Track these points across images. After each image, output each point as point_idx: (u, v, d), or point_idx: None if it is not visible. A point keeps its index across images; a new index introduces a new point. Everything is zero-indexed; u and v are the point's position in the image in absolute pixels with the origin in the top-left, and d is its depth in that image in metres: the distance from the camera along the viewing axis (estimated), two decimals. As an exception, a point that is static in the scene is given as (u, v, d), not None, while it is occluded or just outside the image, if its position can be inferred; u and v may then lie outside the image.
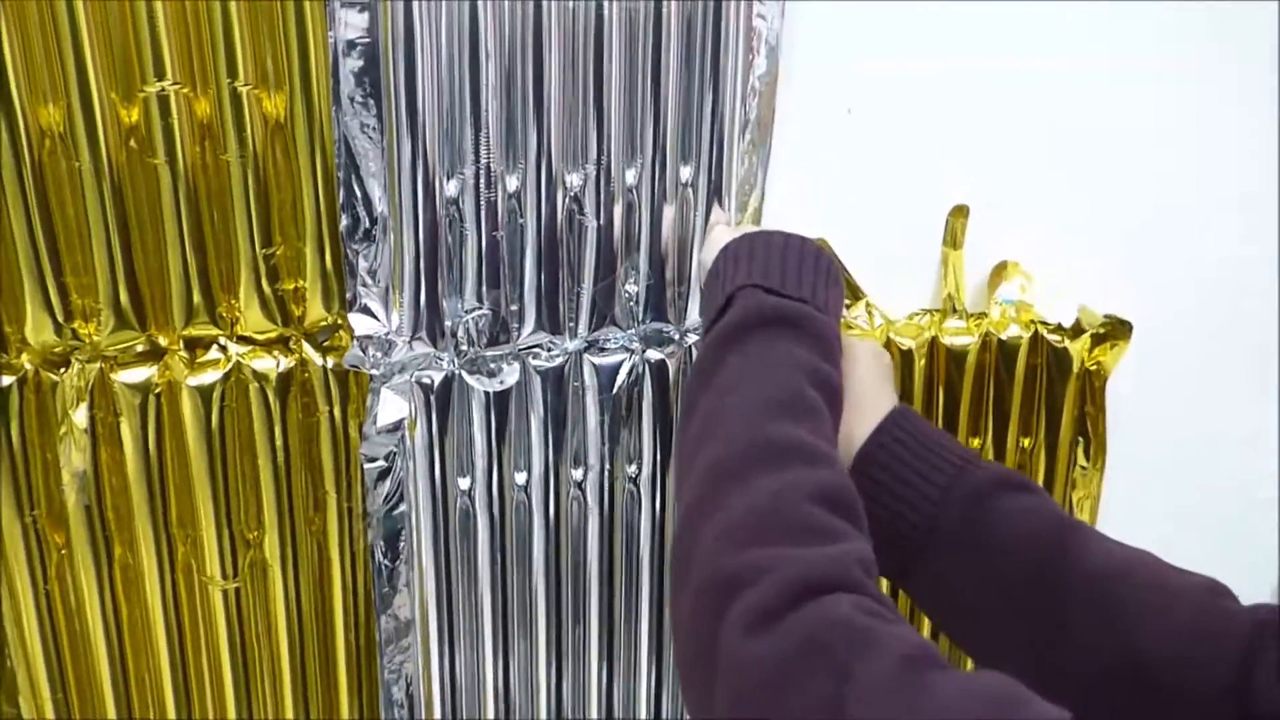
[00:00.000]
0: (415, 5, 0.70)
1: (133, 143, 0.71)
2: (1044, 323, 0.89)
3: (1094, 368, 0.89)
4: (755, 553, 0.47)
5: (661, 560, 0.88)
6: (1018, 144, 0.85)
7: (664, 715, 0.93)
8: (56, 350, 0.75)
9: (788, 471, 0.51)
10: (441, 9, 0.70)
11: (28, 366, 0.75)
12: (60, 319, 0.74)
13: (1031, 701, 0.40)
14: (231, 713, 0.85)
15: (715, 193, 0.80)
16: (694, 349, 0.83)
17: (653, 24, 0.75)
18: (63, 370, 0.75)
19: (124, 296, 0.74)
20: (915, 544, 0.62)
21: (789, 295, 0.63)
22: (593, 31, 0.74)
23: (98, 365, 0.76)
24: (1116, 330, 0.87)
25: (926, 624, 0.91)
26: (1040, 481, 0.93)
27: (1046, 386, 0.90)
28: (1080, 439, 0.92)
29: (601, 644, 0.89)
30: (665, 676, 0.91)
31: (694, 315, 0.83)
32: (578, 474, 0.85)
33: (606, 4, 0.73)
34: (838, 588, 0.45)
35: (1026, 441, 0.93)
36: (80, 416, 0.76)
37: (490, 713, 0.88)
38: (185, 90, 0.71)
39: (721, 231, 0.75)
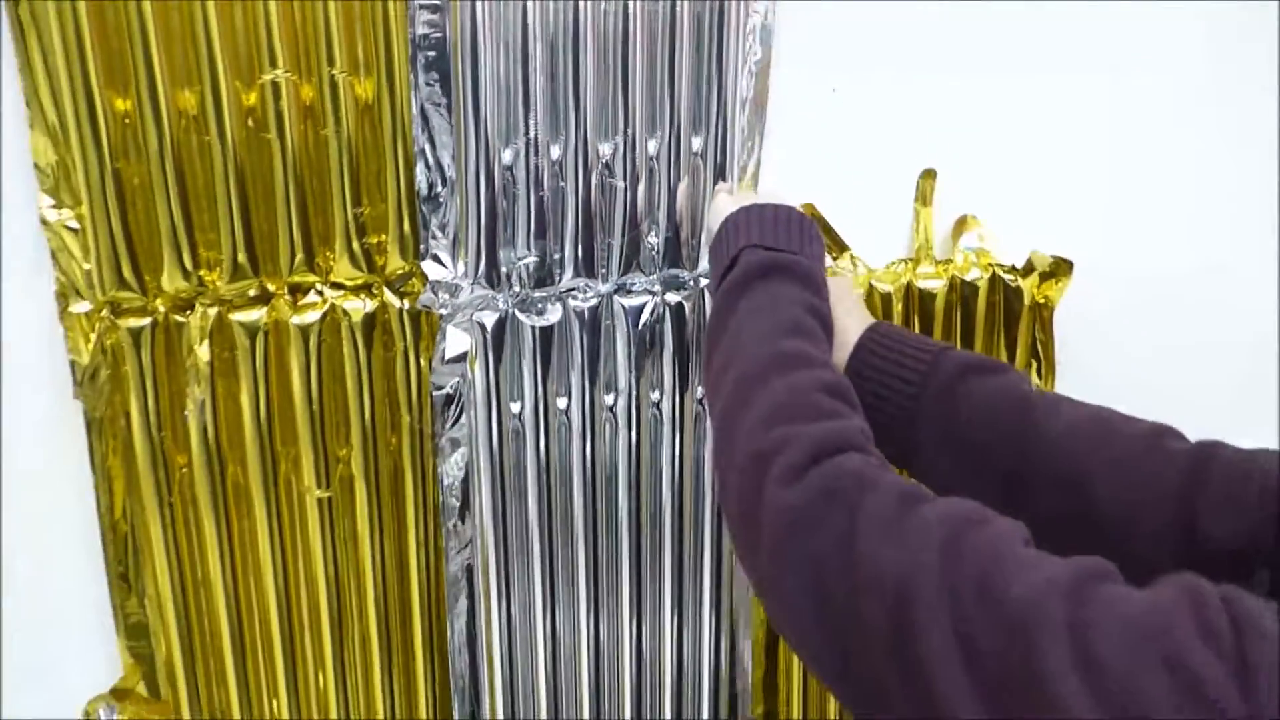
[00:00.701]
0: (478, 6, 0.86)
1: (250, 121, 0.87)
2: (1000, 265, 1.05)
3: (1043, 301, 1.06)
4: (782, 429, 0.59)
5: (681, 470, 1.04)
6: (977, 115, 1.01)
7: (684, 597, 1.08)
8: (184, 295, 0.90)
9: (798, 373, 0.63)
10: (499, 10, 0.87)
11: (161, 309, 0.90)
12: (189, 268, 0.90)
13: (995, 518, 0.51)
14: (323, 604, 1.01)
15: (720, 162, 0.96)
16: (705, 292, 0.99)
17: (669, 19, 0.91)
18: (188, 313, 0.91)
19: (241, 249, 0.90)
20: (904, 433, 0.75)
21: (782, 250, 0.75)
22: (620, 26, 0.90)
23: (217, 308, 0.91)
24: (1060, 268, 1.03)
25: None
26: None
27: (1004, 319, 1.06)
28: (1034, 361, 1.08)
29: (631, 543, 1.05)
30: (685, 561, 1.07)
31: (704, 264, 0.99)
32: (609, 399, 1.01)
33: (631, 3, 0.89)
34: (848, 448, 0.58)
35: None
36: (203, 351, 0.91)
37: (537, 579, 1.03)
38: (293, 77, 0.87)
39: (723, 200, 0.86)
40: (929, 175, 1.04)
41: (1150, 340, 1.10)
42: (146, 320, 0.90)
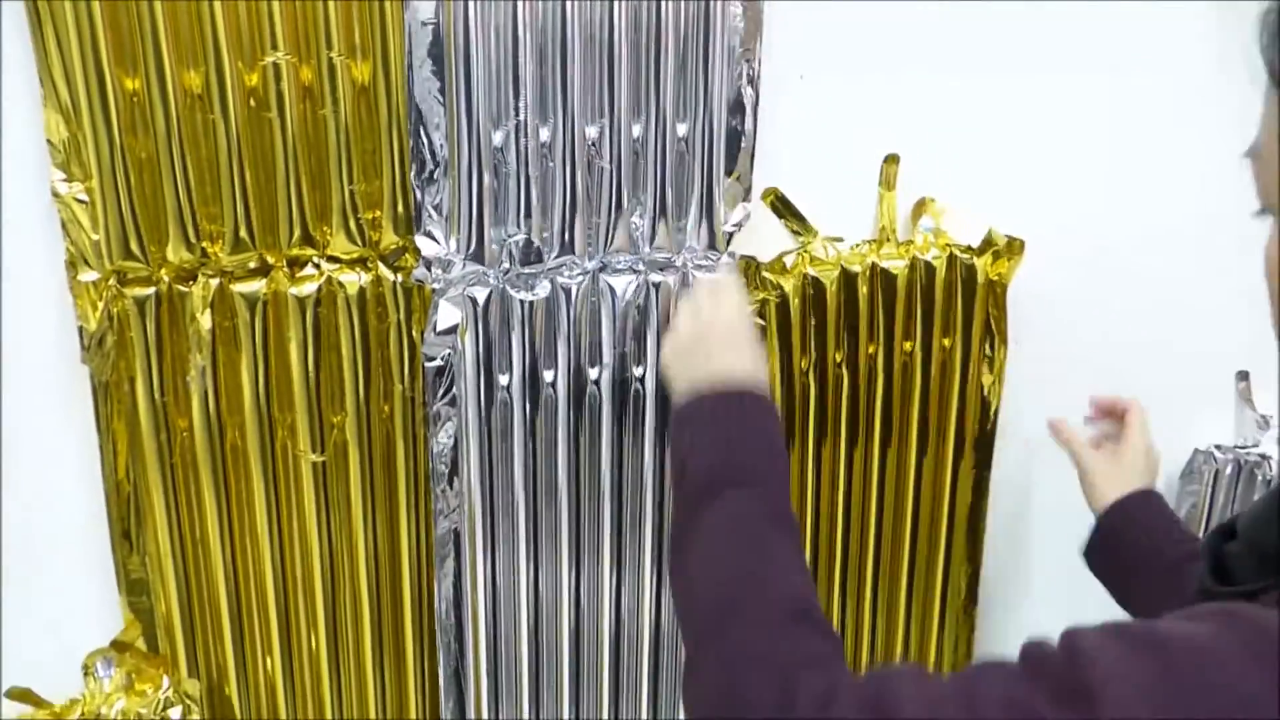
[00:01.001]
0: (473, -5, 0.91)
1: (252, 101, 0.91)
2: (956, 245, 1.11)
3: (996, 278, 1.12)
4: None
5: (662, 441, 1.09)
6: (937, 104, 1.07)
7: (662, 558, 1.14)
8: (187, 266, 0.95)
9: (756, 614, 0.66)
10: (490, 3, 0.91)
11: (165, 279, 0.94)
12: (193, 240, 0.94)
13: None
14: (316, 565, 1.05)
15: (708, 147, 1.01)
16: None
17: (655, 14, 0.96)
18: (191, 283, 0.95)
19: (242, 223, 0.94)
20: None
21: (729, 462, 0.78)
22: (606, 16, 0.95)
23: (218, 279, 0.95)
24: (1013, 247, 1.09)
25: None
26: (957, 370, 1.15)
27: (961, 296, 1.12)
28: (988, 336, 1.14)
29: (612, 508, 1.10)
30: (664, 525, 1.12)
31: (691, 241, 1.04)
32: (594, 372, 1.06)
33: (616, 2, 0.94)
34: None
35: (947, 341, 1.15)
36: (205, 320, 0.96)
37: (521, 541, 1.09)
38: (293, 59, 0.91)
39: (669, 358, 0.91)
40: (892, 160, 1.09)
41: (1100, 317, 1.17)
42: (151, 290, 0.94)
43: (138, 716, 1.04)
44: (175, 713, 1.05)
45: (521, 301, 1.02)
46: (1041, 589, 1.30)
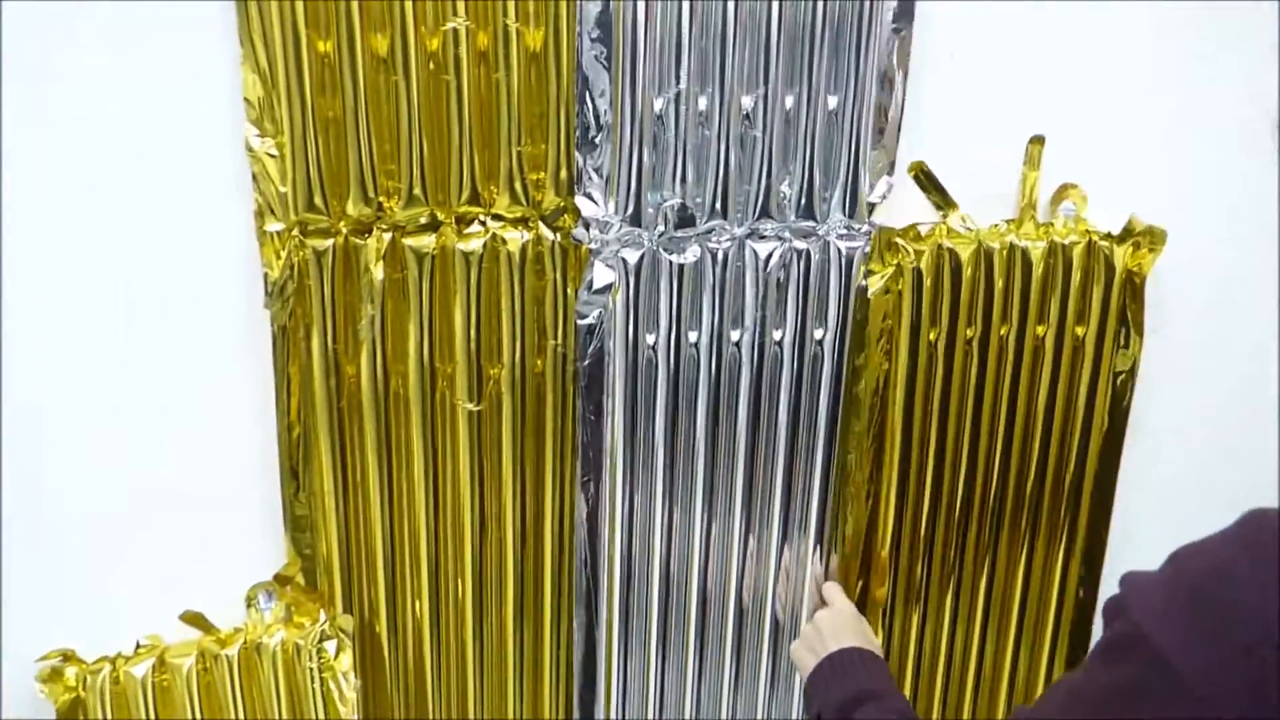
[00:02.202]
0: (643, -33, 0.95)
1: (432, 65, 0.97)
2: (1096, 232, 1.13)
3: (1135, 268, 1.13)
4: None
5: (797, 404, 1.12)
6: (1085, 86, 1.09)
7: (790, 518, 1.18)
8: (364, 220, 1.00)
9: None
10: (661, -30, 0.96)
11: (343, 231, 1.00)
12: (371, 195, 1.00)
13: None
14: (467, 509, 1.11)
15: (857, 119, 1.04)
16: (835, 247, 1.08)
17: (812, -14, 1.00)
18: (366, 236, 1.01)
19: (416, 180, 1.00)
20: None
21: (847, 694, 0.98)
22: (767, -10, 0.99)
23: (391, 233, 1.01)
24: (1153, 237, 1.11)
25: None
26: (1088, 361, 1.17)
27: (1098, 284, 1.14)
28: (1122, 328, 1.16)
29: (746, 466, 1.14)
30: (794, 486, 1.17)
31: (835, 216, 1.08)
32: (735, 335, 1.10)
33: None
34: None
35: (1081, 329, 1.17)
36: (377, 272, 1.02)
37: (659, 496, 1.14)
38: (472, 25, 0.96)
39: (802, 655, 1.10)
40: (1037, 141, 1.11)
41: (1242, 315, 1.17)
42: (330, 241, 1.00)
43: (295, 647, 1.11)
44: (330, 646, 1.11)
45: (671, 263, 1.06)
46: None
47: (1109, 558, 1.26)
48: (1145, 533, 1.27)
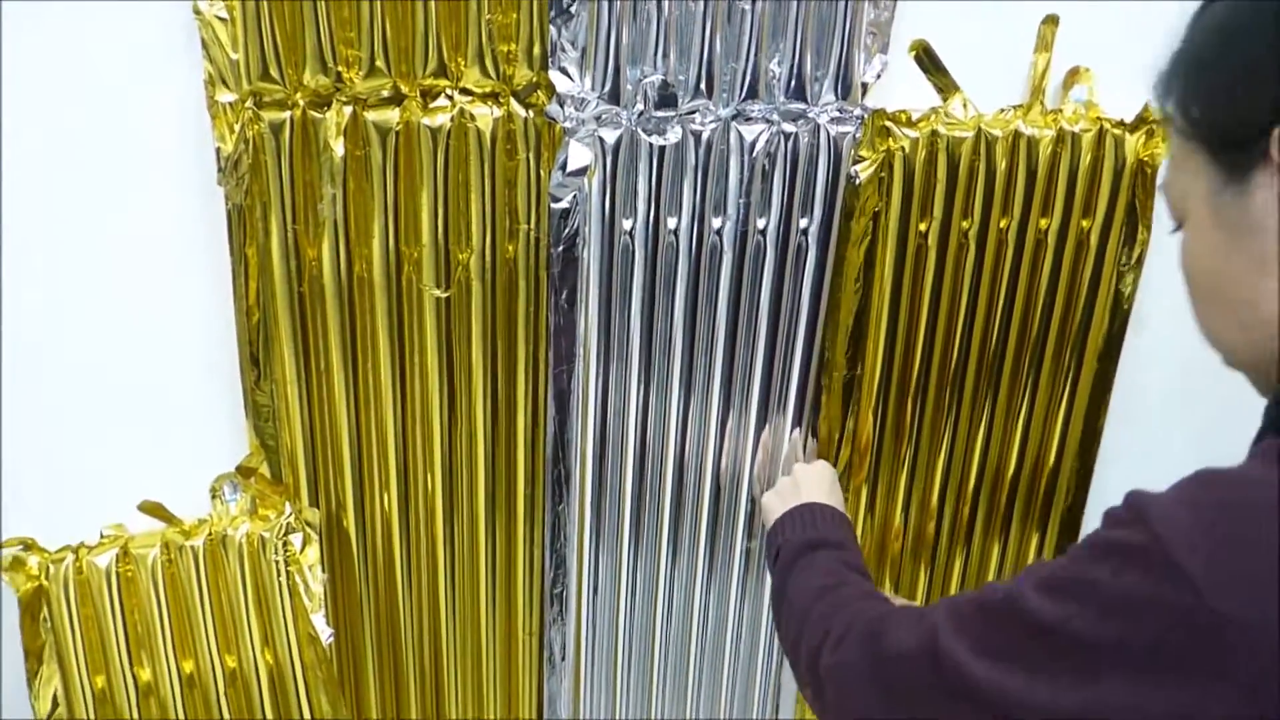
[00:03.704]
0: None
1: (394, -79, 0.89)
2: (1108, 119, 1.06)
3: (1147, 158, 1.07)
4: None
5: (779, 296, 1.07)
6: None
7: (770, 403, 1.14)
8: (323, 90, 0.94)
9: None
10: None
11: (300, 103, 0.94)
12: (329, 63, 0.93)
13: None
14: (435, 400, 1.07)
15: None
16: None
17: None
18: (325, 110, 0.95)
19: (379, 49, 0.93)
20: None
21: (805, 536, 0.98)
22: None
23: (352, 107, 0.95)
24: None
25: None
26: (1091, 257, 1.11)
27: (1107, 174, 1.08)
28: (1130, 220, 1.10)
29: (725, 356, 1.10)
30: (774, 371, 1.13)
31: (827, 97, 1.01)
32: (717, 222, 1.04)
33: None
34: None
35: (1086, 222, 1.11)
36: (338, 148, 0.96)
37: (633, 383, 1.10)
38: (437, -121, 0.89)
39: (770, 503, 1.08)
40: (1051, 21, 1.04)
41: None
42: (286, 114, 0.94)
43: (260, 540, 1.08)
44: (296, 539, 1.08)
45: (651, 145, 1.00)
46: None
47: (1101, 458, 1.22)
48: (1138, 438, 1.24)
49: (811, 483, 1.08)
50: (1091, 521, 1.24)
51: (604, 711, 1.28)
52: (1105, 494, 1.23)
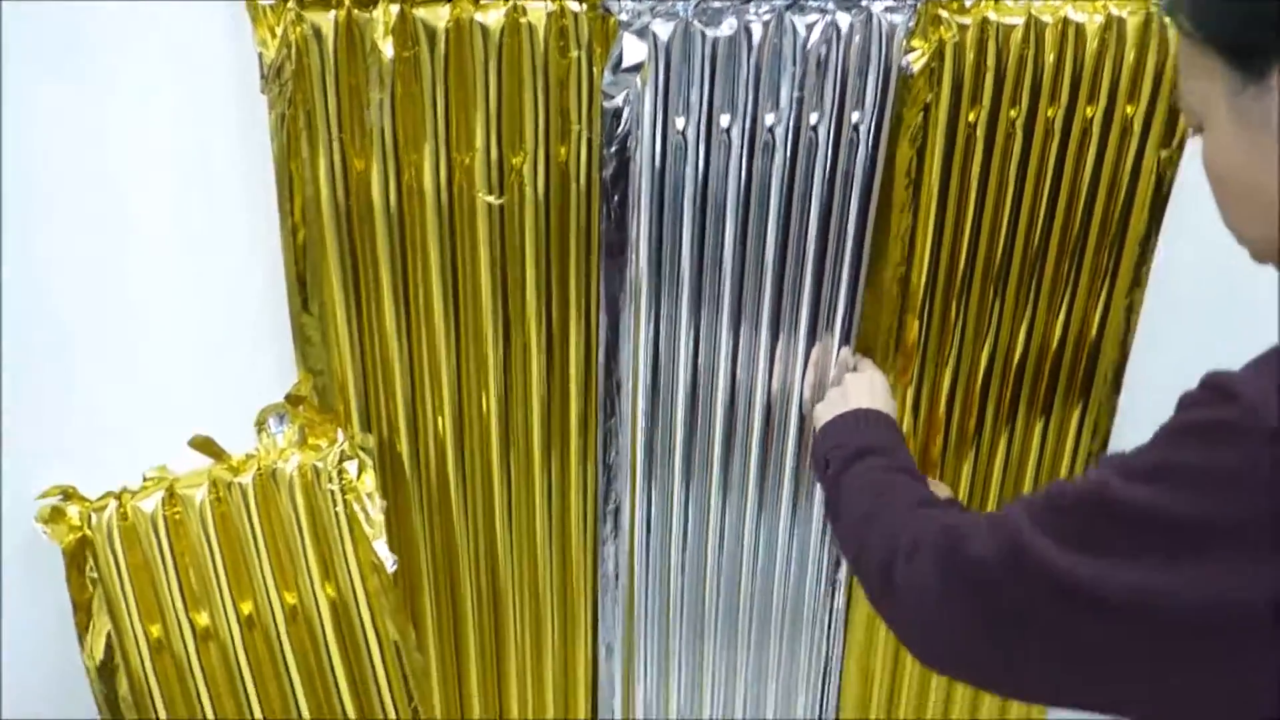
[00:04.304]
0: None
1: None
2: (1157, 2, 1.06)
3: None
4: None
5: (830, 191, 1.05)
6: None
7: (818, 318, 1.12)
8: (369, -13, 0.90)
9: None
10: None
11: (345, 4, 0.90)
12: (377, -43, 0.89)
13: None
14: (487, 311, 1.03)
15: None
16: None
17: None
18: (371, 9, 0.90)
19: (426, -59, 0.89)
20: None
21: (852, 443, 0.98)
22: None
23: (399, 5, 0.91)
24: None
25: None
26: (1134, 143, 1.11)
27: (1153, 57, 1.07)
28: (1170, 112, 1.10)
29: (775, 271, 1.08)
30: (824, 282, 1.11)
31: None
32: (770, 119, 1.02)
33: None
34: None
35: (1131, 108, 1.10)
36: (386, 49, 0.91)
37: (685, 293, 1.08)
38: None
39: (820, 411, 1.08)
40: (1092, -102, 1.03)
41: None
42: (330, 14, 0.90)
43: (314, 471, 1.04)
44: (351, 466, 1.04)
45: (705, 36, 0.97)
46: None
47: (1138, 336, 1.23)
48: (1175, 319, 1.24)
49: (861, 390, 1.07)
50: (1132, 400, 1.25)
51: (656, 637, 1.27)
52: (1143, 374, 1.24)
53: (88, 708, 1.02)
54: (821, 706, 1.38)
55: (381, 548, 1.04)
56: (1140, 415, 1.27)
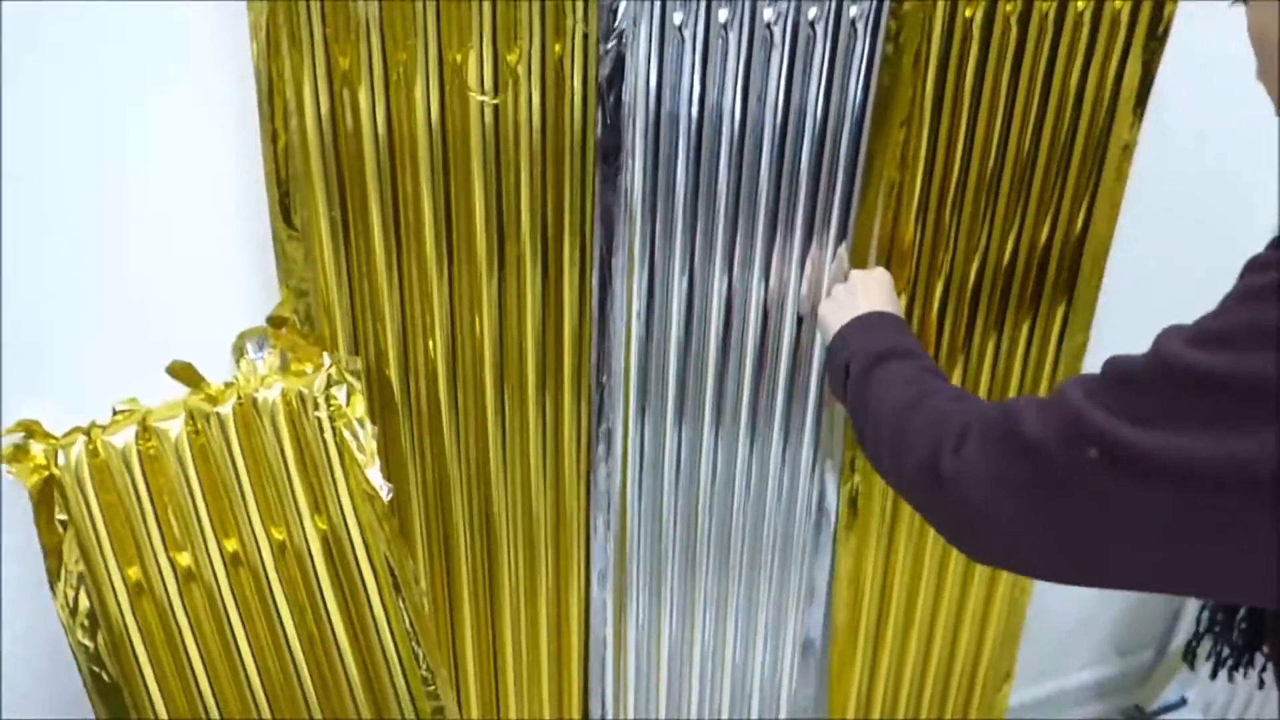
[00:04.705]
0: None
1: None
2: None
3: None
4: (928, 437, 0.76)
5: (828, 93, 1.02)
6: None
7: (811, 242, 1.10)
8: None
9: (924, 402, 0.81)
10: None
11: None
12: None
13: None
14: (480, 226, 0.98)
15: None
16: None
17: None
18: (353, -111, 0.84)
19: None
20: None
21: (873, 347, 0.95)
22: None
23: (383, -115, 0.84)
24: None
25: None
26: (1122, 34, 1.10)
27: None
28: (1156, 1, 1.09)
29: (772, 170, 1.04)
30: (818, 205, 1.08)
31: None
32: (769, 13, 0.98)
33: None
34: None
35: (1119, 2, 1.09)
36: (369, -67, 0.85)
37: (680, 198, 1.04)
38: None
39: (828, 315, 1.05)
40: None
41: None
42: (310, -104, 0.83)
43: (299, 397, 0.98)
44: (340, 392, 0.99)
45: (706, -77, 0.92)
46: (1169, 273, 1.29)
47: (1116, 231, 1.23)
48: (1158, 212, 1.25)
49: (871, 289, 1.05)
50: (1112, 292, 1.26)
51: (649, 563, 1.24)
52: (1123, 269, 1.25)
53: (90, 709, 0.96)
54: (809, 629, 1.37)
55: (375, 476, 0.99)
56: (1122, 307, 1.28)
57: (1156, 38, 1.12)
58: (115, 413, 0.95)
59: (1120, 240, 1.23)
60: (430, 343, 1.02)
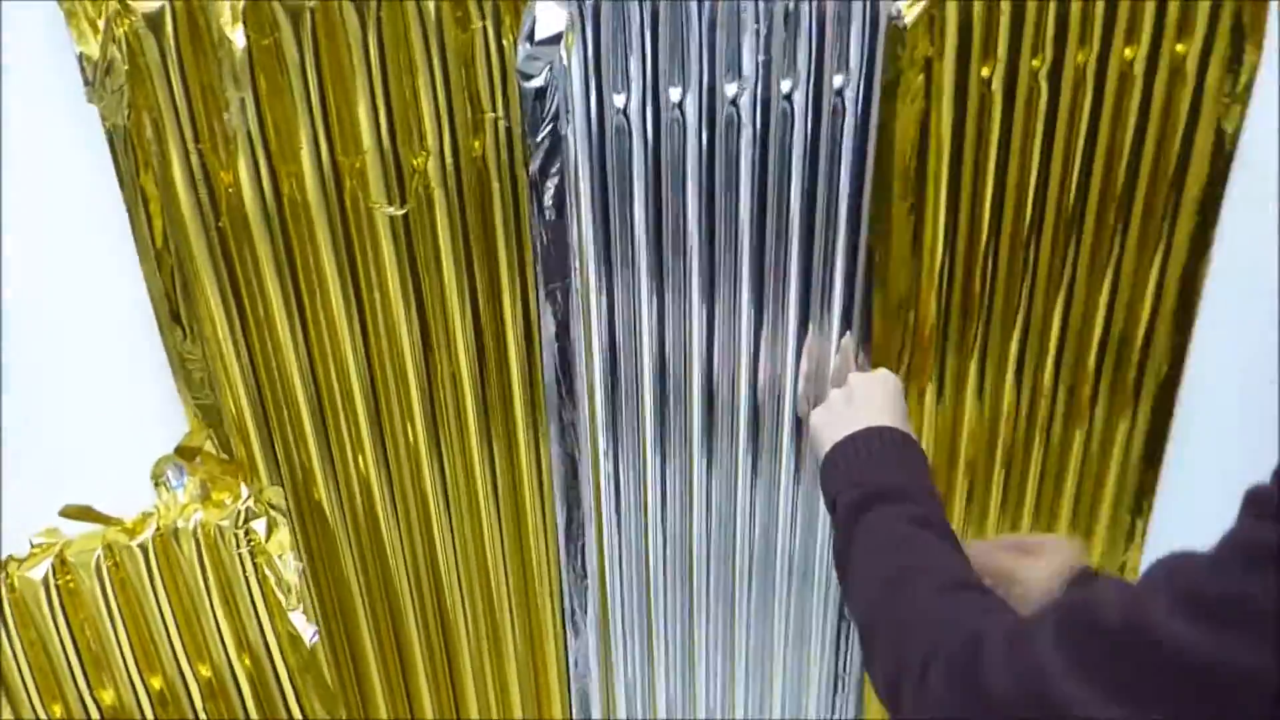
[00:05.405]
0: None
1: None
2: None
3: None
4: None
5: (813, 172, 0.87)
6: None
7: (809, 312, 0.95)
8: (207, -35, 0.72)
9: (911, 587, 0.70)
10: None
11: (180, -18, 0.72)
12: (210, -75, 0.71)
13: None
14: (405, 339, 0.87)
15: None
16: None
17: None
18: (214, -12, 0.73)
19: (272, -102, 0.71)
20: None
21: (871, 482, 0.80)
22: None
23: (249, -19, 0.73)
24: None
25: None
26: (1189, 89, 0.90)
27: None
28: (1236, 39, 0.89)
29: (753, 265, 0.90)
30: (813, 273, 0.93)
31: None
32: (732, 89, 0.83)
33: None
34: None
35: (1182, 47, 0.90)
36: (237, 38, 0.74)
37: (644, 294, 0.91)
38: None
39: (820, 426, 0.89)
40: None
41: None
42: (162, 1, 0.72)
43: (218, 530, 0.90)
44: (259, 525, 0.90)
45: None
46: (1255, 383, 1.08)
47: (1200, 325, 1.03)
48: (1241, 299, 1.04)
49: (869, 396, 0.89)
50: (1188, 400, 1.06)
51: (639, 636, 1.11)
52: (1205, 366, 1.05)
53: None
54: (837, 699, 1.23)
55: (299, 619, 0.91)
56: (1201, 420, 1.08)
57: (1236, 90, 0.91)
58: (33, 546, 0.90)
59: (1206, 324, 1.03)
60: (360, 457, 0.93)
